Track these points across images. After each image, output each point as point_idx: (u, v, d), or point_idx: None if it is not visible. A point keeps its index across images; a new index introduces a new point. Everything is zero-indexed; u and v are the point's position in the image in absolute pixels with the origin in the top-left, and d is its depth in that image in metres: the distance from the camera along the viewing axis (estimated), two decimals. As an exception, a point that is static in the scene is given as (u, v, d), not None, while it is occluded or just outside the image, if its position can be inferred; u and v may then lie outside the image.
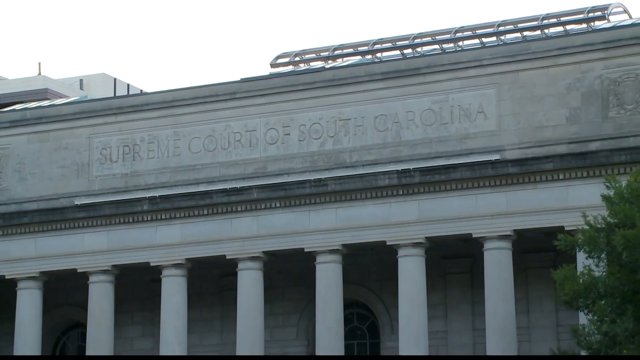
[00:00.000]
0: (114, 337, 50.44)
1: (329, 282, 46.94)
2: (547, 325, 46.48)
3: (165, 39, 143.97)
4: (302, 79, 49.82)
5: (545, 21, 50.77)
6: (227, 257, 48.50)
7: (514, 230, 44.59)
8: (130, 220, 50.16)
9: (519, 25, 51.37)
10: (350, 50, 54.41)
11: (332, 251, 46.94)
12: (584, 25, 49.56)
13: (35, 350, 51.17)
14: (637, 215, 31.99)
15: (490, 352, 44.70)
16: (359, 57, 53.51)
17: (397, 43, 53.44)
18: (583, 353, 35.06)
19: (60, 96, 68.97)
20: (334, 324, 46.68)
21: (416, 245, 45.89)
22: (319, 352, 47.29)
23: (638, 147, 41.99)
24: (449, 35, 52.42)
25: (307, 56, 55.12)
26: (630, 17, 50.71)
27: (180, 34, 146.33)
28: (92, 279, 50.31)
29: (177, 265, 49.21)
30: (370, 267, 49.11)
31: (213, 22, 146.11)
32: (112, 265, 50.22)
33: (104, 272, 50.23)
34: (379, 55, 53.30)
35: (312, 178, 47.52)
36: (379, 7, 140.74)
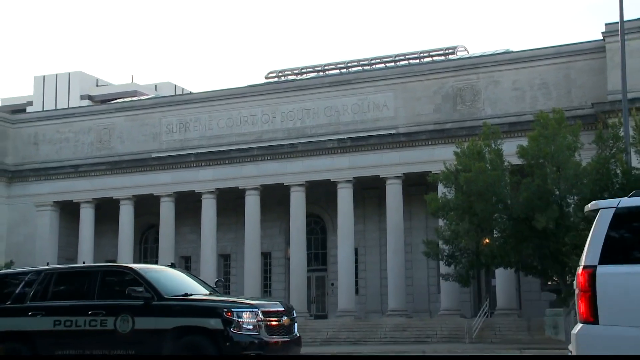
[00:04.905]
0: (174, 233, 50.48)
1: (297, 202, 47.24)
2: (421, 227, 46.73)
3: (203, 58, 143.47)
4: (283, 86, 49.89)
5: (422, 54, 51.32)
6: (239, 188, 48.58)
7: (403, 173, 45.05)
8: (184, 166, 49.98)
9: (407, 56, 51.88)
10: (311, 69, 54.32)
11: (299, 185, 47.17)
12: (443, 57, 50.07)
13: (131, 241, 51.23)
14: (471, 165, 32.36)
15: (389, 243, 45.05)
16: (316, 73, 53.43)
17: (338, 65, 53.66)
18: (440, 241, 34.88)
19: (143, 94, 68.73)
20: (300, 225, 47.08)
21: (348, 182, 46.28)
22: (292, 243, 47.24)
23: (473, 127, 41.86)
24: (368, 61, 52.73)
25: (286, 72, 54.90)
26: (469, 53, 51.14)
27: (211, 56, 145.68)
28: (162, 200, 50.45)
29: (210, 193, 49.22)
30: (321, 194, 48.88)
31: (231, 45, 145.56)
32: (174, 192, 50.24)
33: (169, 196, 50.30)
34: (327, 72, 53.20)
35: (288, 143, 47.57)
36: (328, 42, 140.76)
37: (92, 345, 14.44)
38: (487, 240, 34.07)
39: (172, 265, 17.38)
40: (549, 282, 37.63)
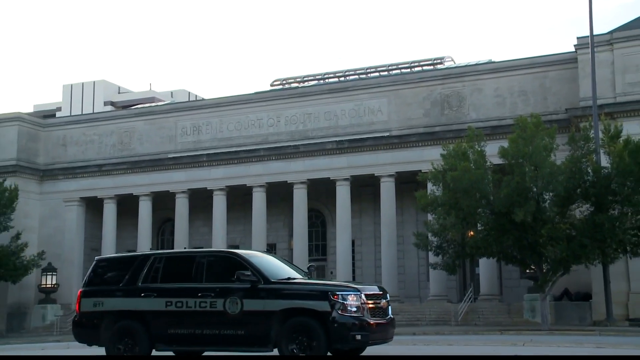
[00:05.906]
0: (188, 226, 50.51)
1: (300, 198, 47.11)
2: (412, 221, 46.74)
3: (214, 67, 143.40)
4: (287, 93, 49.72)
5: (412, 64, 50.94)
6: (247, 186, 48.43)
7: (396, 172, 44.87)
8: (197, 166, 49.79)
9: (399, 66, 51.51)
10: (312, 77, 53.99)
11: (302, 183, 47.01)
12: (432, 67, 49.76)
13: (149, 233, 50.95)
14: (457, 165, 32.43)
15: (383, 235, 44.73)
16: (316, 81, 53.14)
17: (337, 74, 53.31)
18: (429, 234, 34.62)
19: (160, 101, 68.26)
20: (302, 219, 47.03)
21: (345, 180, 46.15)
22: (295, 236, 47.04)
23: (459, 130, 41.88)
24: (363, 70, 52.41)
25: (290, 80, 54.59)
26: (455, 63, 50.80)
27: (222, 65, 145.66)
28: (177, 196, 50.34)
29: (221, 190, 49.09)
30: (322, 190, 48.71)
31: (240, 56, 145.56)
32: (188, 189, 50.11)
33: (183, 192, 50.17)
34: (327, 80, 52.80)
35: (291, 144, 47.43)
36: (328, 53, 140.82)
37: (202, 326, 14.13)
38: (472, 233, 34.14)
39: (268, 251, 16.82)
40: (527, 270, 37.73)
